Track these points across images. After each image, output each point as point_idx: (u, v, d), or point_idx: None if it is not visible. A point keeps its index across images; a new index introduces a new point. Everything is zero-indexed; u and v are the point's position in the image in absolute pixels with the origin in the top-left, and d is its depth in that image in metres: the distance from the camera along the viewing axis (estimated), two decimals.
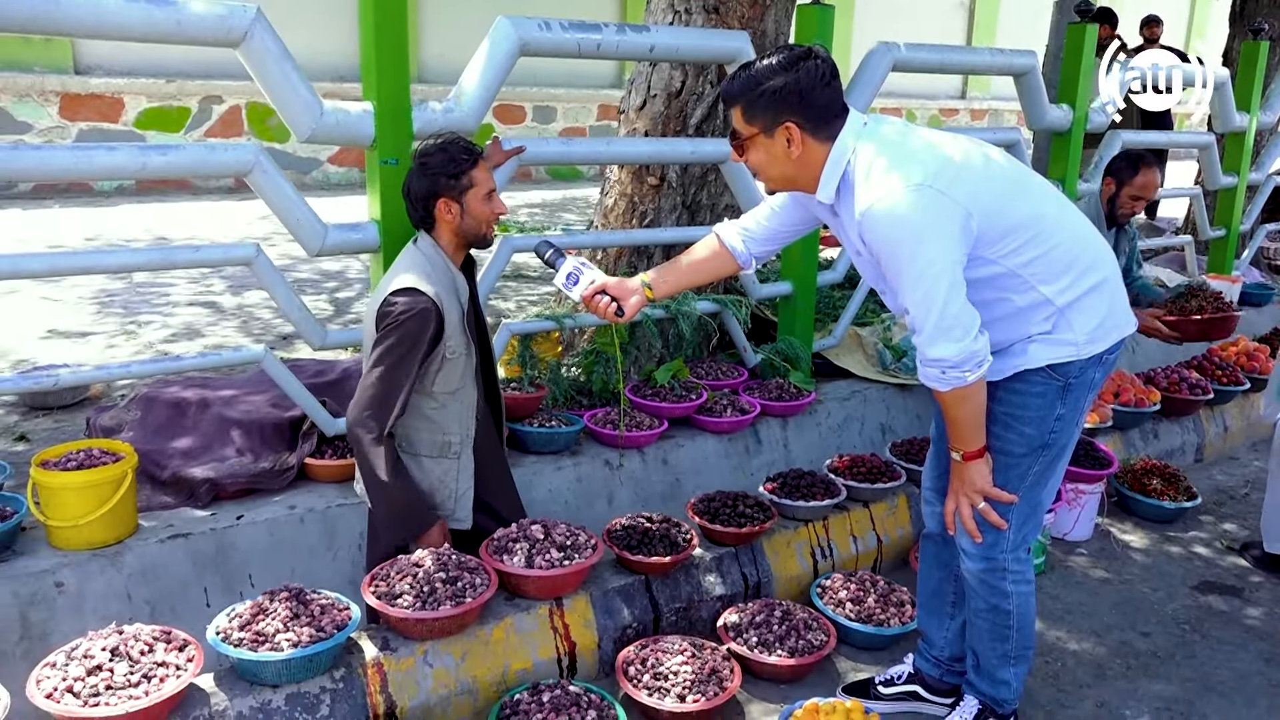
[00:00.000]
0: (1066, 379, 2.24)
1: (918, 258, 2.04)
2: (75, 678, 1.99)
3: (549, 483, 3.50)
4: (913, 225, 2.03)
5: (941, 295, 2.04)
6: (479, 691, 2.46)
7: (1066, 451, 2.35)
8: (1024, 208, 2.16)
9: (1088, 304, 2.22)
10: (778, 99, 2.10)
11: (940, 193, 2.03)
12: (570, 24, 3.42)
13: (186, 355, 3.07)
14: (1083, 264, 2.21)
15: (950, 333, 2.07)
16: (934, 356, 2.10)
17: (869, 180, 2.08)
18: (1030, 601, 2.40)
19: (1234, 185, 6.18)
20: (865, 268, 2.32)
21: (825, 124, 2.13)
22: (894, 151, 2.09)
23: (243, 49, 2.83)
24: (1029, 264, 2.16)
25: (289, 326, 5.12)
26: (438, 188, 2.65)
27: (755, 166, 2.24)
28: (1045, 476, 2.32)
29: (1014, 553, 2.34)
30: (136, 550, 2.78)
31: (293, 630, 2.20)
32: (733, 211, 4.47)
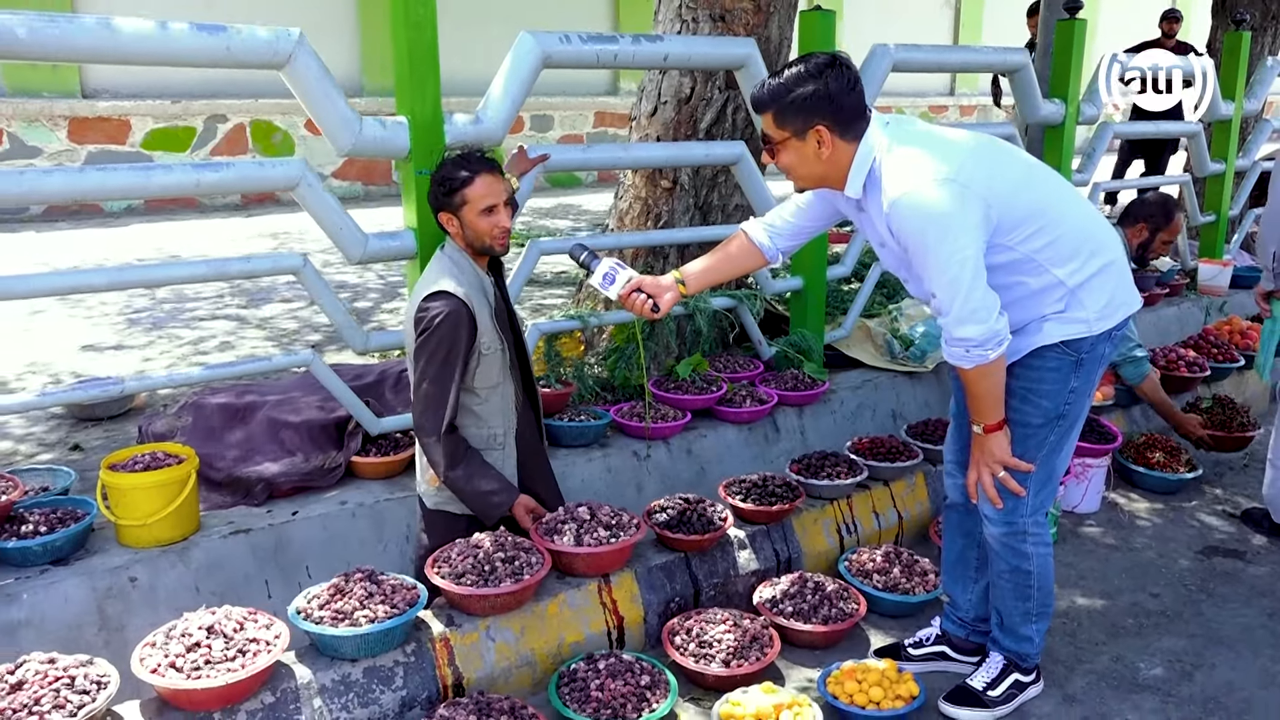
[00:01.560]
0: (1079, 354, 2.42)
1: (943, 246, 2.21)
2: (177, 654, 2.16)
3: (581, 473, 3.67)
4: (938, 216, 2.20)
5: (966, 280, 2.22)
6: (537, 663, 2.63)
7: (1079, 421, 2.53)
8: (1036, 196, 2.35)
9: (1097, 284, 2.39)
10: (809, 104, 2.27)
11: (963, 186, 2.21)
12: (589, 36, 3.59)
13: (241, 360, 3.23)
14: (1090, 247, 2.40)
15: (975, 314, 2.24)
16: (960, 336, 2.27)
17: (896, 175, 2.25)
18: (1049, 562, 2.57)
19: (1222, 172, 6.38)
20: (889, 257, 2.50)
21: (852, 125, 2.31)
22: (918, 148, 2.26)
23: (287, 70, 2.99)
24: (1042, 249, 2.34)
25: (314, 335, 5.29)
26: (438, 202, 2.81)
27: (787, 168, 2.40)
28: (1060, 445, 2.50)
29: (1033, 516, 2.52)
30: (202, 546, 2.95)
31: (369, 607, 2.36)
32: (742, 211, 4.65)
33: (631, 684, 2.48)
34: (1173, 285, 6.11)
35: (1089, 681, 2.72)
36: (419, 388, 2.71)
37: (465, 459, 2.72)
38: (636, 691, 2.46)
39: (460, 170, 2.72)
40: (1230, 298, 6.25)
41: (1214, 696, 2.65)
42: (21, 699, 1.99)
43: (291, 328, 5.39)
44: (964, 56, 5.30)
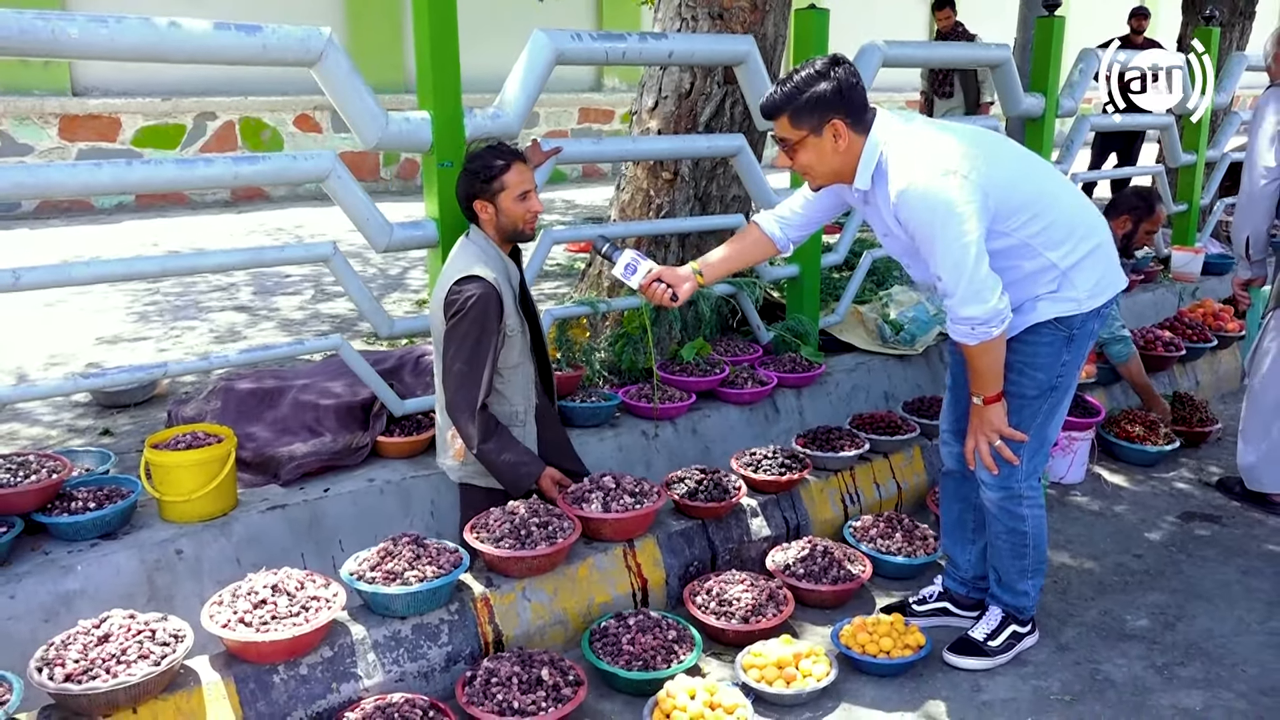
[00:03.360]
0: (1071, 330, 2.63)
1: (948, 233, 2.40)
2: (245, 610, 2.32)
3: (594, 452, 3.84)
4: (943, 205, 2.39)
5: (970, 264, 2.41)
6: (569, 622, 2.81)
7: (1069, 392, 2.74)
8: (1030, 186, 2.56)
9: (1087, 265, 2.60)
10: (823, 101, 2.47)
11: (964, 177, 2.40)
12: (598, 34, 3.77)
13: (275, 345, 3.38)
14: (1080, 231, 2.61)
15: (979, 294, 2.43)
16: (965, 315, 2.46)
17: (902, 167, 2.44)
18: (1042, 523, 2.78)
19: (1193, 163, 6.63)
20: (894, 245, 2.70)
21: (862, 118, 2.51)
22: (921, 142, 2.47)
23: (318, 68, 3.15)
24: (1037, 234, 2.54)
25: (323, 326, 5.43)
26: (474, 189, 2.97)
27: (805, 166, 2.59)
28: (1052, 414, 2.71)
29: (1027, 481, 2.72)
30: (242, 520, 3.10)
31: (418, 568, 2.54)
32: (740, 202, 4.85)
33: (660, 638, 2.66)
34: (1148, 272, 6.35)
35: (1079, 632, 2.93)
36: (451, 368, 2.87)
37: (496, 434, 2.89)
38: (665, 645, 2.65)
39: (497, 159, 2.89)
40: (1202, 283, 6.51)
41: (1195, 643, 2.87)
42: (109, 650, 2.14)
43: (300, 318, 5.53)
44: (950, 52, 5.52)
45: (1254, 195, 3.72)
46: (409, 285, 6.48)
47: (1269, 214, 3.74)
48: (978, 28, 8.76)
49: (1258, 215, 3.75)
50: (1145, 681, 2.69)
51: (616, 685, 2.61)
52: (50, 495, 2.90)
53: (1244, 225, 3.80)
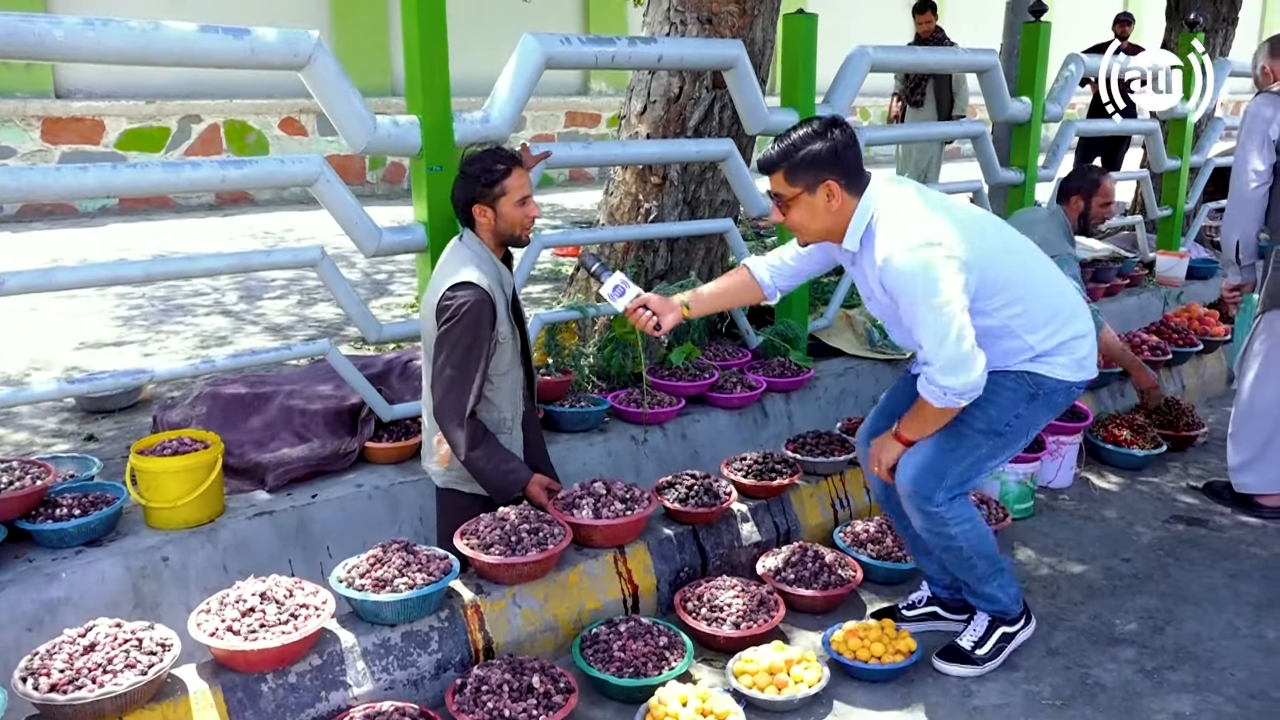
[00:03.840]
0: (1037, 388, 2.66)
1: (931, 303, 2.43)
2: (233, 619, 2.30)
3: (583, 457, 3.84)
4: (925, 275, 2.43)
5: (953, 334, 2.44)
6: (560, 628, 2.79)
7: (1013, 447, 2.73)
8: (1015, 268, 2.61)
9: (1064, 350, 2.66)
10: (819, 160, 2.50)
11: (948, 251, 2.44)
12: (588, 38, 3.77)
13: (263, 349, 3.36)
14: (1063, 316, 2.67)
15: (961, 367, 2.46)
16: (942, 384, 2.49)
17: (889, 235, 2.48)
18: (976, 531, 2.71)
19: (1177, 168, 6.67)
20: (876, 308, 2.74)
21: (856, 180, 2.55)
22: (911, 211, 2.50)
23: (306, 71, 3.13)
24: (1017, 316, 2.60)
25: (309, 330, 5.40)
26: (473, 194, 2.95)
27: (797, 223, 2.62)
28: (989, 458, 2.69)
29: (947, 504, 2.67)
30: (229, 527, 3.08)
31: (408, 575, 2.52)
32: (728, 206, 4.85)
33: (651, 645, 2.65)
34: (1133, 276, 6.39)
35: (1070, 636, 2.94)
36: (441, 374, 2.85)
37: (485, 441, 2.88)
38: (656, 651, 2.64)
39: (497, 164, 2.88)
40: (1186, 288, 6.55)
41: (1184, 647, 2.88)
42: (95, 659, 2.12)
43: (287, 323, 5.50)
44: (939, 57, 5.54)
45: (1243, 200, 3.74)
46: (396, 290, 6.46)
47: (1258, 219, 3.76)
48: (961, 33, 8.80)
49: (1247, 220, 3.76)
50: (1135, 686, 2.69)
51: (608, 692, 2.60)
52: (34, 502, 2.87)
53: (1233, 230, 3.82)
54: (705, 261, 4.89)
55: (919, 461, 2.67)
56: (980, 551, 2.73)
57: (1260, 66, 3.89)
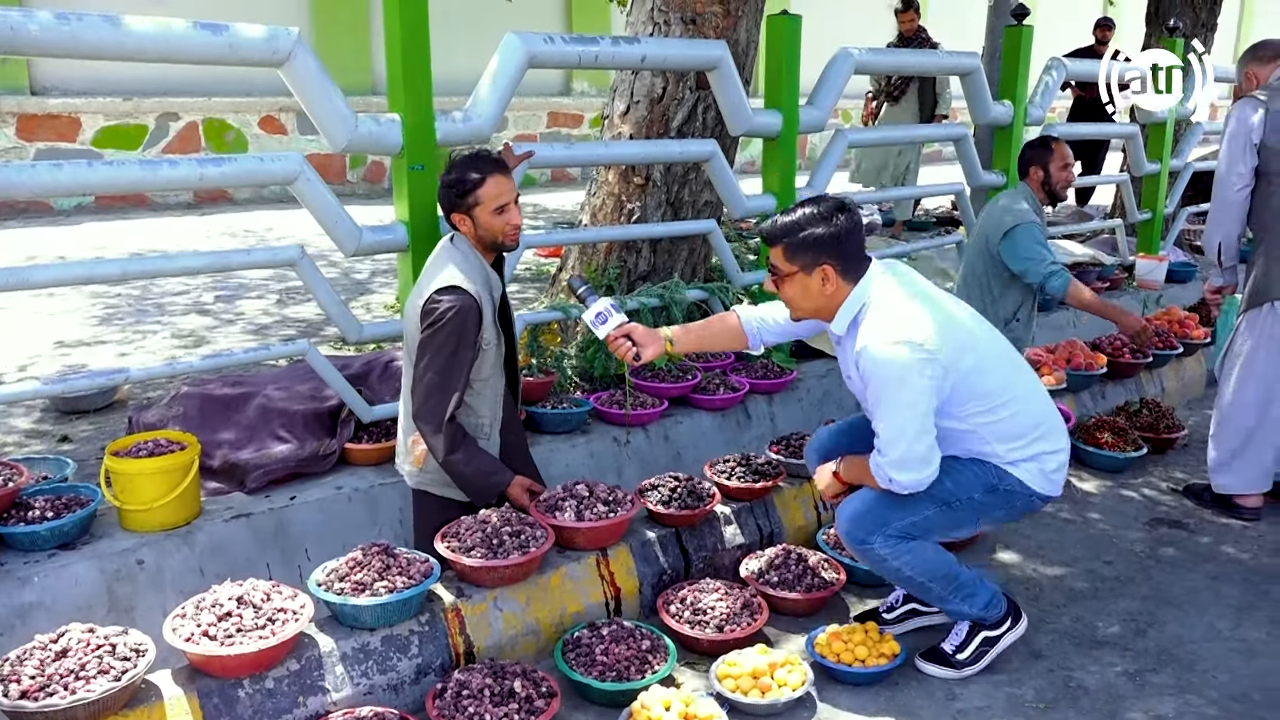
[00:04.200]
0: (999, 483, 2.67)
1: (898, 397, 2.46)
2: (209, 623, 2.26)
3: (565, 459, 3.81)
4: (897, 371, 2.45)
5: (911, 432, 2.47)
6: (541, 632, 2.77)
7: (954, 527, 2.71)
8: (997, 378, 2.62)
9: (1031, 465, 2.67)
10: (819, 244, 2.54)
11: (929, 354, 2.46)
12: (571, 38, 3.74)
13: (240, 350, 3.31)
14: (1039, 433, 2.68)
15: (911, 464, 2.50)
16: (891, 475, 2.53)
17: (873, 326, 2.51)
18: (922, 557, 2.67)
19: (1157, 172, 6.71)
20: (854, 388, 2.76)
21: (853, 267, 2.58)
22: (901, 307, 2.52)
23: (285, 68, 3.09)
24: (990, 424, 2.62)
25: (288, 330, 5.35)
26: (451, 204, 2.91)
27: (789, 298, 2.66)
28: (929, 524, 2.66)
29: (885, 546, 2.64)
30: (206, 530, 3.04)
31: (387, 579, 2.48)
32: (711, 207, 4.83)
33: (634, 648, 2.63)
34: (1113, 279, 6.42)
35: (1052, 639, 2.94)
36: (422, 378, 2.81)
37: (464, 444, 2.85)
38: (639, 655, 2.61)
39: (471, 172, 2.83)
40: (1166, 291, 6.59)
41: (1166, 649, 2.88)
42: (68, 665, 2.08)
43: (266, 323, 5.45)
44: (921, 60, 5.55)
45: (1226, 203, 3.76)
46: (375, 290, 6.41)
47: (1240, 221, 3.79)
48: (944, 35, 8.81)
49: (1229, 223, 3.79)
50: (1118, 689, 2.69)
51: (590, 696, 2.57)
52: (6, 504, 2.82)
53: (1216, 232, 3.84)
54: (688, 263, 4.88)
55: (859, 509, 2.67)
56: (933, 575, 2.70)
57: (1244, 72, 3.91)
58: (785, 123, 4.45)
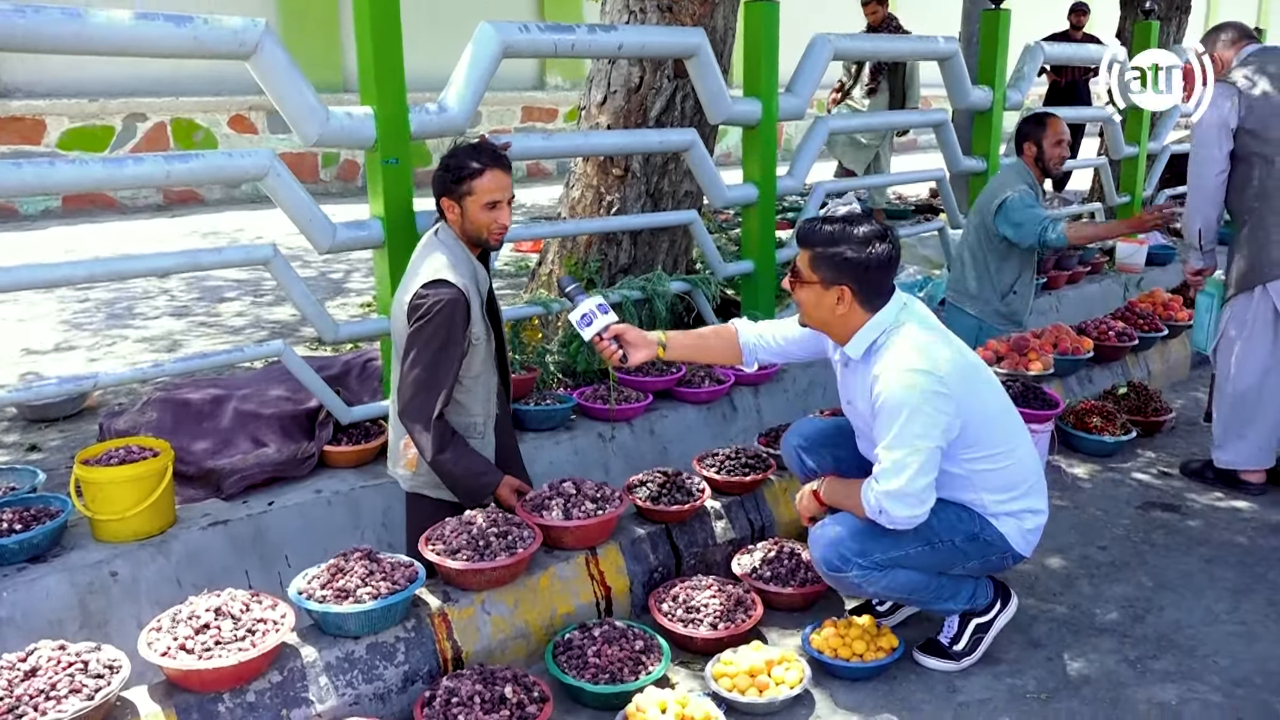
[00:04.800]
0: (981, 531, 2.62)
1: (909, 429, 2.41)
2: (186, 636, 2.17)
3: (549, 456, 3.74)
4: (915, 400, 2.41)
5: (915, 467, 2.42)
6: (531, 635, 2.69)
7: (929, 569, 2.63)
8: (1000, 428, 2.60)
9: (1013, 520, 2.63)
10: (844, 265, 2.49)
11: (948, 390, 2.43)
12: (546, 26, 3.67)
13: (213, 352, 3.22)
14: (1025, 488, 2.65)
15: (907, 500, 2.44)
16: (885, 507, 2.46)
17: (895, 354, 2.46)
18: (896, 580, 2.58)
19: (1135, 155, 6.70)
20: (852, 415, 2.73)
21: (874, 298, 2.53)
22: (922, 338, 2.49)
23: (253, 61, 3.00)
24: (984, 473, 2.58)
25: (261, 332, 5.24)
26: (443, 187, 2.83)
27: (802, 304, 2.61)
28: (912, 562, 2.59)
29: (860, 575, 2.57)
30: (181, 538, 2.95)
31: (371, 584, 2.40)
32: (692, 198, 4.76)
33: (627, 649, 2.56)
34: (1094, 263, 6.42)
35: (1050, 627, 2.89)
36: (409, 375, 2.73)
37: (453, 444, 2.77)
38: (632, 656, 2.54)
39: (472, 160, 2.76)
40: (1146, 274, 6.59)
41: (1165, 635, 2.84)
42: (38, 684, 1.99)
43: (240, 324, 5.34)
44: (898, 46, 5.50)
45: (1204, 188, 3.75)
46: (351, 288, 6.31)
47: (1219, 205, 3.78)
48: (918, 21, 8.76)
49: (1208, 207, 3.78)
50: (1119, 676, 2.65)
51: (583, 700, 2.50)
52: None
53: (1195, 217, 3.83)
54: (669, 254, 4.80)
55: (839, 536, 2.59)
56: (910, 591, 2.64)
57: (1210, 55, 3.88)
58: (765, 111, 4.39)
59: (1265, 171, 3.62)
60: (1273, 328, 3.66)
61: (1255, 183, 3.65)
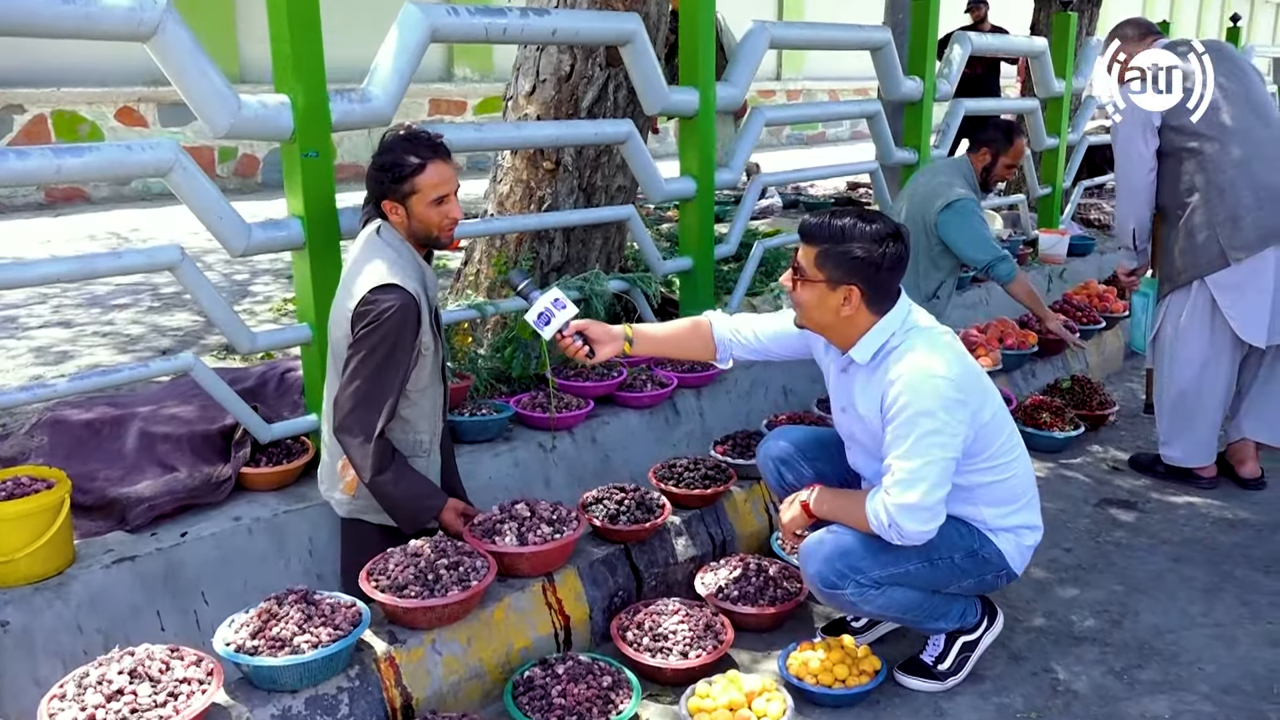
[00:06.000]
0: (980, 548, 2.50)
1: (930, 438, 2.26)
2: (96, 705, 1.87)
3: (488, 470, 3.49)
4: (935, 410, 2.26)
5: (933, 478, 2.27)
6: (487, 674, 2.45)
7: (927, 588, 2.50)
8: (1004, 438, 2.47)
9: (1012, 532, 2.52)
10: (855, 264, 2.31)
11: (964, 398, 2.30)
12: (476, 9, 3.40)
13: (113, 368, 2.88)
14: (1022, 503, 2.54)
15: (920, 514, 2.29)
16: (899, 521, 2.29)
17: (914, 355, 2.31)
18: (892, 598, 2.45)
19: (1056, 146, 6.73)
20: (845, 422, 2.56)
21: (881, 300, 2.36)
22: (941, 344, 2.36)
23: (154, 42, 2.69)
24: (987, 485, 2.45)
25: (163, 340, 4.85)
26: (383, 188, 2.58)
27: (802, 304, 2.42)
28: (912, 580, 2.46)
29: (856, 593, 2.43)
30: (82, 579, 2.62)
31: (309, 631, 2.13)
32: (625, 193, 4.55)
33: (595, 686, 2.35)
34: (1018, 255, 6.41)
35: (1030, 639, 2.78)
36: (348, 387, 2.46)
37: (394, 464, 2.51)
38: (600, 694, 2.33)
39: (410, 156, 2.49)
40: (1068, 265, 6.62)
41: (1147, 641, 2.75)
42: None
43: (136, 333, 4.93)
44: (832, 34, 5.39)
45: (1134, 188, 3.72)
46: (257, 293, 5.92)
47: (1150, 204, 3.75)
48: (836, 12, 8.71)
49: (1140, 206, 3.75)
50: (1108, 689, 2.54)
51: None
52: None
53: (1128, 216, 3.79)
54: (602, 251, 4.58)
55: (834, 552, 2.42)
56: (904, 610, 2.50)
57: (1120, 50, 3.84)
58: (703, 100, 4.19)
59: (1195, 165, 3.58)
60: (1210, 322, 3.63)
61: (1186, 177, 3.61)
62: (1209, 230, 3.53)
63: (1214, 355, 3.64)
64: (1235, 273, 3.50)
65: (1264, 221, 3.45)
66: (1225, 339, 3.59)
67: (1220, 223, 3.50)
